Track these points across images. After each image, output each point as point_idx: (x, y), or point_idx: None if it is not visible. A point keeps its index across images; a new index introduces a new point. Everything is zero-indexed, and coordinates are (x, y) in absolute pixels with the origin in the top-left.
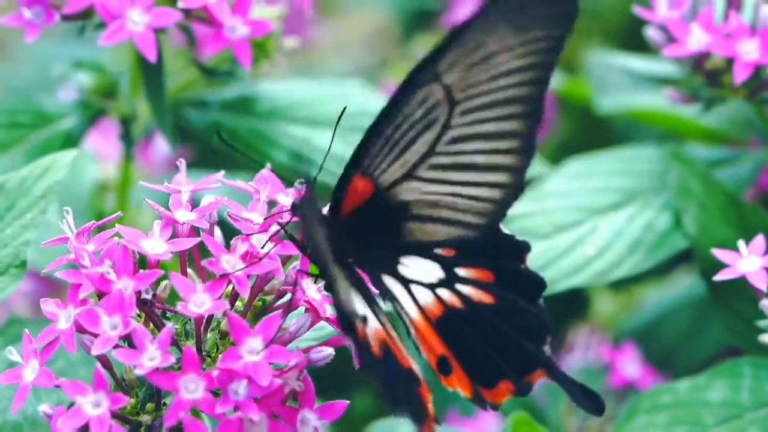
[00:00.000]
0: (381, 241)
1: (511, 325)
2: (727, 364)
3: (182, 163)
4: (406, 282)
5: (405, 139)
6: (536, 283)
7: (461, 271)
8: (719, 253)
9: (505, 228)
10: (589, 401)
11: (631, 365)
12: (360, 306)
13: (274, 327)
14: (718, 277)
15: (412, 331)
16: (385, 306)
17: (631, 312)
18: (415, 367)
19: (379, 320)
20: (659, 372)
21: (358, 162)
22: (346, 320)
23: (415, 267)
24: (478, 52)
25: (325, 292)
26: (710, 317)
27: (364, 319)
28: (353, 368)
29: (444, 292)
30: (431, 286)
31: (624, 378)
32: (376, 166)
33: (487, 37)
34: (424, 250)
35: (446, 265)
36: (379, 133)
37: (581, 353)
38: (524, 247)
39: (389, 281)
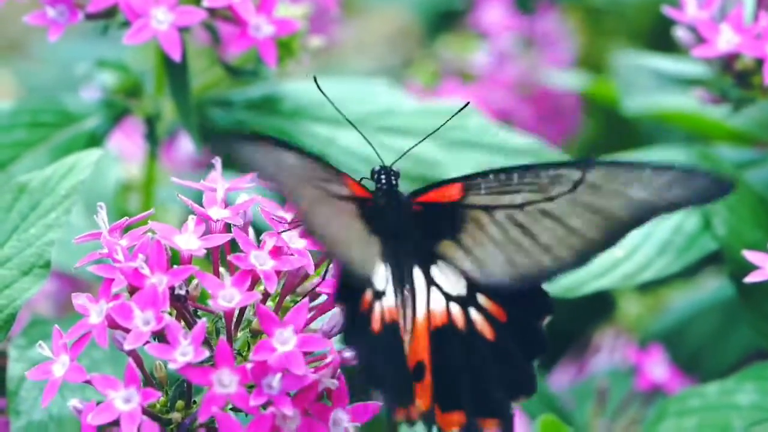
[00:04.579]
0: (427, 239)
1: (496, 367)
2: (756, 367)
3: (218, 161)
4: (430, 282)
5: (516, 188)
6: (540, 344)
7: (481, 298)
8: (749, 255)
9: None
10: None
11: (658, 368)
12: (381, 279)
13: (303, 315)
14: (749, 279)
15: (409, 326)
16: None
17: (658, 314)
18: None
19: (403, 303)
20: (686, 375)
21: (473, 179)
22: (348, 281)
23: (446, 274)
24: (630, 177)
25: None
26: (738, 320)
27: (380, 294)
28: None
29: (455, 308)
30: (448, 297)
31: (651, 380)
32: (478, 188)
33: (646, 178)
34: (460, 264)
35: (472, 287)
36: (508, 174)
37: (607, 355)
38: (549, 308)
39: (417, 274)
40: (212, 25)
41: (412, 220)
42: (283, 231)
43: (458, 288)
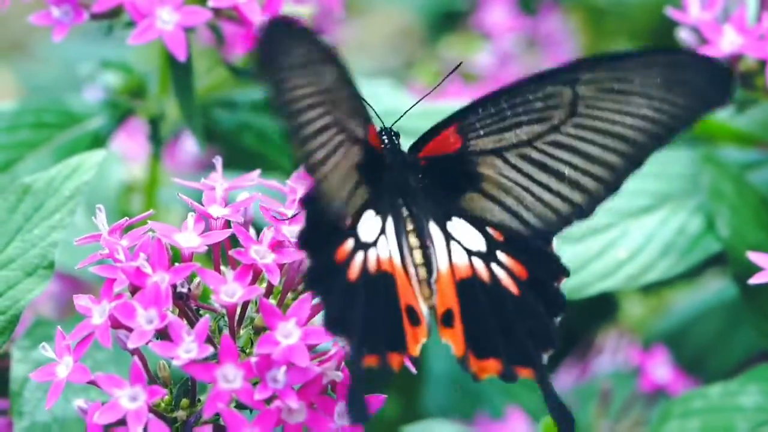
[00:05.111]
0: (441, 195)
1: (523, 321)
2: (760, 369)
3: (218, 161)
4: (449, 237)
5: (513, 120)
6: (560, 303)
7: (501, 256)
8: (753, 256)
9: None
10: (563, 419)
11: (661, 369)
12: (371, 231)
13: (306, 308)
14: (753, 280)
15: (434, 278)
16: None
17: (661, 315)
18: (423, 309)
19: (403, 253)
20: (689, 376)
21: (461, 118)
22: (307, 234)
23: (463, 230)
24: (622, 84)
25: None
26: (741, 321)
27: (365, 245)
28: (382, 372)
29: (478, 262)
30: (469, 252)
31: (654, 382)
32: (474, 129)
33: (637, 77)
34: (478, 222)
35: (492, 244)
36: (495, 104)
37: (610, 356)
38: (564, 271)
39: (434, 229)
40: (217, 25)
41: (425, 176)
42: (281, 224)
43: (478, 245)
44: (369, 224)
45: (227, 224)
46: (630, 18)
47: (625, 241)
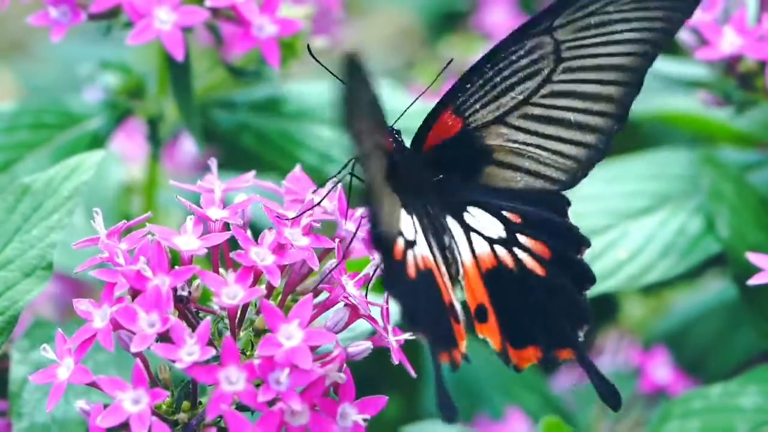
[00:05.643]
0: (455, 183)
1: (555, 301)
2: (760, 370)
3: (214, 162)
4: (468, 229)
5: (504, 85)
6: (587, 275)
7: (522, 238)
8: (753, 257)
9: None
10: (610, 394)
11: (661, 370)
12: (410, 230)
13: (308, 309)
14: (753, 281)
15: (461, 273)
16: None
17: (661, 316)
18: (457, 305)
19: (432, 251)
20: (689, 377)
21: (452, 98)
22: (378, 233)
23: (481, 219)
24: (597, 16)
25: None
26: (741, 321)
27: (411, 243)
28: (382, 373)
29: (501, 250)
30: (490, 240)
31: (654, 382)
32: (469, 105)
33: (609, 5)
34: (494, 207)
35: (510, 228)
36: (481, 74)
37: (611, 357)
38: (585, 242)
39: (452, 223)
40: (215, 25)
41: (435, 168)
42: (282, 226)
43: (497, 231)
44: (407, 223)
45: (226, 226)
46: None
47: (625, 241)
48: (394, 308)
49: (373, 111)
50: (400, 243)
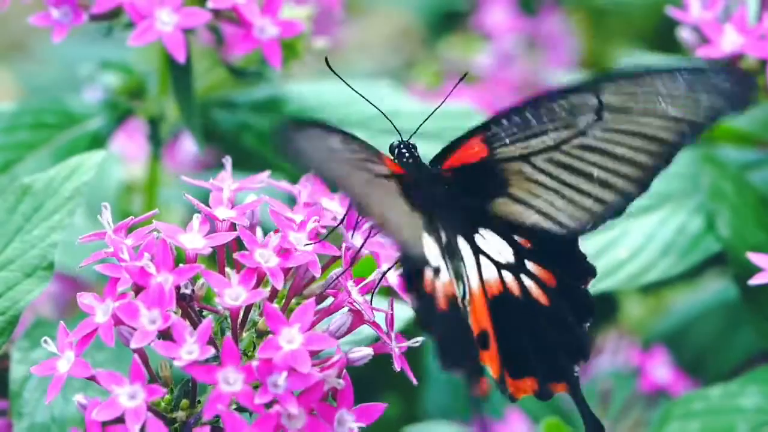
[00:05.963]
0: (468, 205)
1: (555, 333)
2: (761, 370)
3: (228, 161)
4: (477, 251)
5: (539, 128)
6: (589, 307)
7: (530, 265)
8: (754, 257)
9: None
10: (595, 429)
11: (661, 369)
12: (434, 256)
13: (310, 314)
14: (753, 281)
15: (468, 297)
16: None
17: (661, 316)
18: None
19: (450, 275)
20: (689, 376)
21: (486, 128)
22: (412, 265)
23: (492, 242)
24: (648, 91)
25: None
26: (741, 321)
27: (437, 270)
28: (383, 374)
29: (508, 276)
30: (498, 265)
31: (654, 382)
32: (500, 138)
33: (660, 82)
34: (505, 231)
35: (520, 253)
36: (521, 115)
37: (610, 357)
38: (591, 272)
39: (462, 244)
40: (216, 26)
41: (451, 188)
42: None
43: (507, 256)
44: (430, 248)
45: (233, 226)
46: (630, 18)
47: (626, 240)
48: (399, 314)
49: (344, 152)
50: (428, 274)
